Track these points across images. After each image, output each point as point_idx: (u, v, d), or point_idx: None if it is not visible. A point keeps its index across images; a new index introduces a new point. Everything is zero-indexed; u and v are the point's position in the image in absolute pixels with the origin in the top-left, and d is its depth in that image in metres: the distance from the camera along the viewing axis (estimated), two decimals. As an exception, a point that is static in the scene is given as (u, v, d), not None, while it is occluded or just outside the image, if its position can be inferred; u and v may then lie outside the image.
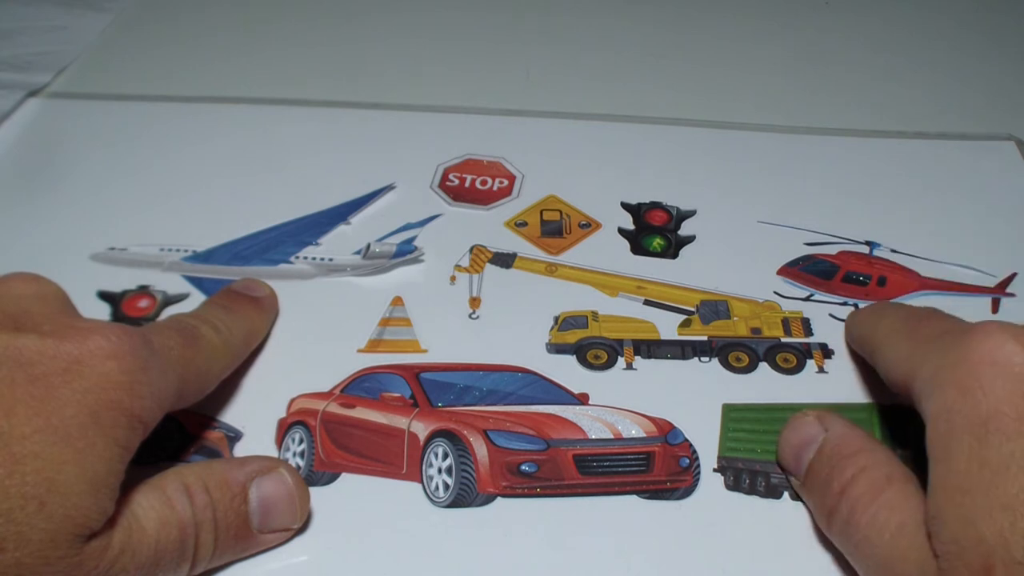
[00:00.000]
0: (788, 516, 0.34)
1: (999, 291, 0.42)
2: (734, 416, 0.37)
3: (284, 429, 0.36)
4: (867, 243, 0.44)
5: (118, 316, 0.40)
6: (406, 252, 0.43)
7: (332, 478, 0.35)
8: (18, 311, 0.28)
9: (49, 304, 0.30)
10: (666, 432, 0.36)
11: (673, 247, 0.44)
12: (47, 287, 0.31)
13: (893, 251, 0.44)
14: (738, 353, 0.39)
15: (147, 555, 0.28)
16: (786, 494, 0.34)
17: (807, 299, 0.42)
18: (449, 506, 0.34)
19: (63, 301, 0.31)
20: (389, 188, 0.46)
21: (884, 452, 0.31)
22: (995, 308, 0.42)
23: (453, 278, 0.42)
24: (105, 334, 0.28)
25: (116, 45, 0.59)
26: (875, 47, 0.60)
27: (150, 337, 0.30)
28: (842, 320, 0.41)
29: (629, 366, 0.39)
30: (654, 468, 0.35)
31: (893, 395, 0.37)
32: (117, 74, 0.56)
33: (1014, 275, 0.43)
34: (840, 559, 0.31)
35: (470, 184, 0.47)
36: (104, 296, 0.41)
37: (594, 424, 0.36)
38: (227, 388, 0.37)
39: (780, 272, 0.43)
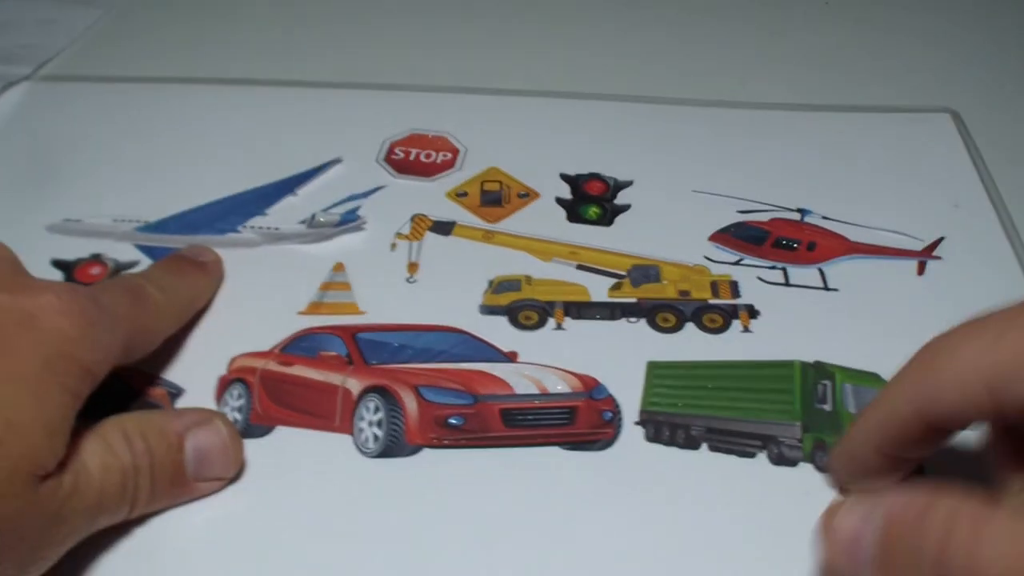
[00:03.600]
0: (705, 465, 0.35)
1: (926, 254, 0.44)
2: (658, 373, 0.38)
3: (224, 386, 0.38)
4: (799, 210, 0.46)
5: (71, 282, 0.42)
6: (349, 221, 0.44)
7: (267, 431, 0.36)
8: None
9: (2, 267, 0.31)
10: (591, 388, 0.38)
11: (609, 215, 0.46)
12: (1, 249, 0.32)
13: (824, 218, 0.46)
14: (666, 314, 0.41)
15: (93, 498, 0.29)
16: (704, 445, 0.36)
17: (737, 263, 0.43)
18: (377, 456, 0.35)
19: (14, 264, 0.32)
20: (336, 162, 0.48)
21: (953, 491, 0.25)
22: (921, 270, 0.43)
23: (394, 245, 0.44)
24: (56, 292, 0.29)
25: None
26: (811, 21, 0.61)
27: (98, 295, 0.31)
28: (770, 283, 0.42)
29: (559, 326, 0.40)
30: (577, 421, 0.37)
31: (814, 352, 0.39)
32: (73, 57, 0.58)
33: (941, 239, 0.44)
34: (754, 507, 0.33)
35: (415, 157, 0.48)
36: (58, 264, 0.42)
37: (521, 380, 0.38)
38: (171, 347, 0.38)
39: (712, 238, 0.44)
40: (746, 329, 0.40)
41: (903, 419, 0.28)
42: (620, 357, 0.39)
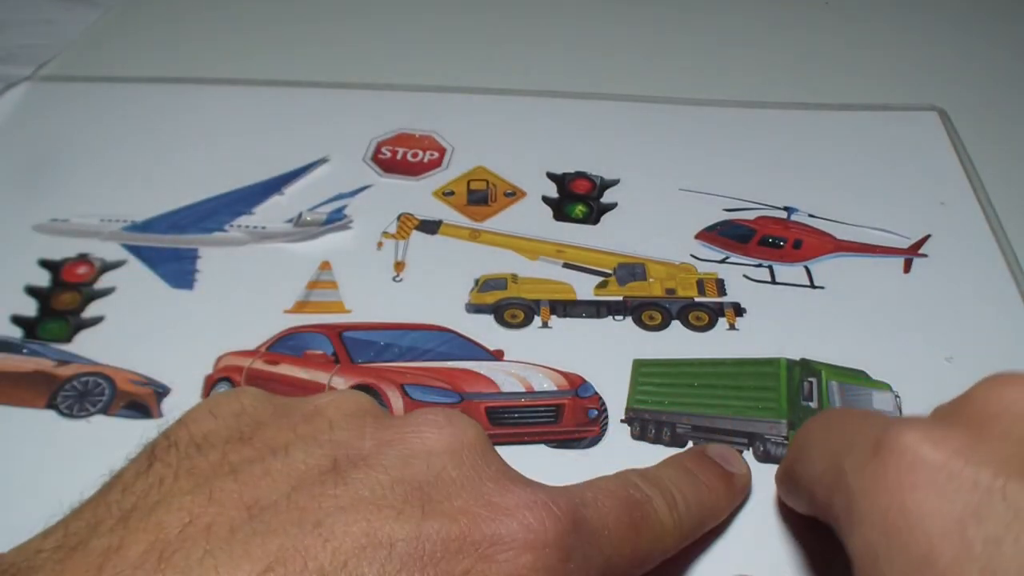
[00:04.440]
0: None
1: (912, 252, 0.44)
2: (644, 371, 0.38)
3: (210, 385, 0.38)
4: (785, 208, 0.46)
5: (57, 282, 0.42)
6: (336, 220, 0.44)
7: (253, 430, 0.36)
8: (429, 477, 0.23)
9: (463, 462, 0.24)
10: (576, 386, 0.38)
11: (595, 214, 0.46)
12: (463, 434, 0.25)
13: (811, 216, 0.46)
14: (652, 312, 0.41)
15: None
16: (690, 442, 0.36)
17: (723, 261, 0.43)
18: (363, 454, 0.35)
19: (479, 451, 0.25)
20: (323, 161, 0.48)
21: None
22: (907, 268, 0.43)
23: (380, 244, 0.44)
24: (533, 514, 0.23)
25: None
26: (799, 20, 0.61)
27: (585, 514, 0.25)
28: (756, 280, 0.42)
29: (545, 324, 0.40)
30: (563, 419, 0.37)
31: (799, 349, 0.39)
32: (73, 57, 0.58)
33: (927, 237, 0.44)
34: (739, 504, 0.33)
35: (401, 157, 0.48)
36: (44, 264, 0.42)
37: (507, 378, 0.38)
38: (156, 346, 0.39)
39: (698, 236, 0.45)
40: (732, 327, 0.40)
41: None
42: (606, 355, 0.39)
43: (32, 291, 0.41)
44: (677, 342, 0.40)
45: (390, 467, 0.23)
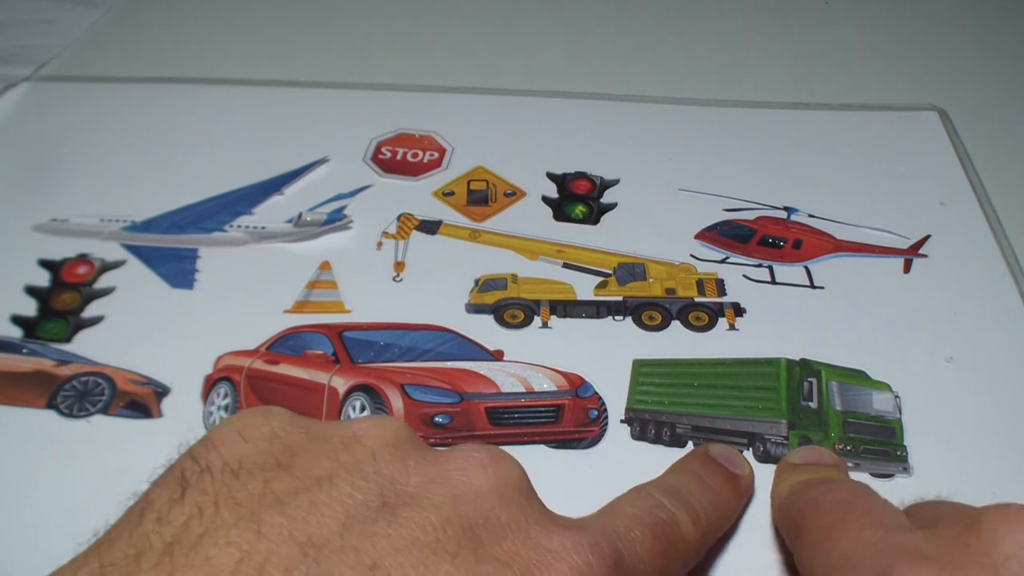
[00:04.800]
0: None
1: (912, 252, 0.44)
2: (643, 371, 0.38)
3: (210, 384, 0.38)
4: (785, 208, 0.46)
5: (57, 282, 0.42)
6: (336, 220, 0.44)
7: (253, 430, 0.36)
8: (478, 518, 0.23)
9: (510, 503, 0.24)
10: (577, 386, 0.38)
11: (595, 214, 0.46)
12: (506, 472, 0.25)
13: (811, 216, 0.46)
14: (651, 312, 0.41)
15: None
16: (690, 443, 0.36)
17: (723, 261, 0.43)
18: (363, 455, 0.35)
19: (523, 491, 0.25)
20: (323, 161, 0.48)
21: None
22: (907, 268, 0.43)
23: (380, 244, 0.44)
24: (580, 556, 0.23)
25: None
26: (799, 20, 0.61)
27: (621, 550, 0.25)
28: (756, 280, 0.42)
29: (545, 324, 0.40)
30: (563, 420, 0.37)
31: (799, 350, 0.39)
32: (73, 57, 0.58)
33: (927, 237, 0.44)
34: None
35: (401, 157, 0.48)
36: (44, 264, 0.43)
37: (507, 379, 0.38)
38: (156, 346, 0.39)
39: (698, 236, 0.45)
40: (732, 327, 0.40)
41: None
42: (606, 355, 0.39)
43: (32, 291, 0.41)
44: (677, 342, 0.40)
45: (440, 507, 0.23)
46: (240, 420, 0.25)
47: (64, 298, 0.41)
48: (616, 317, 0.41)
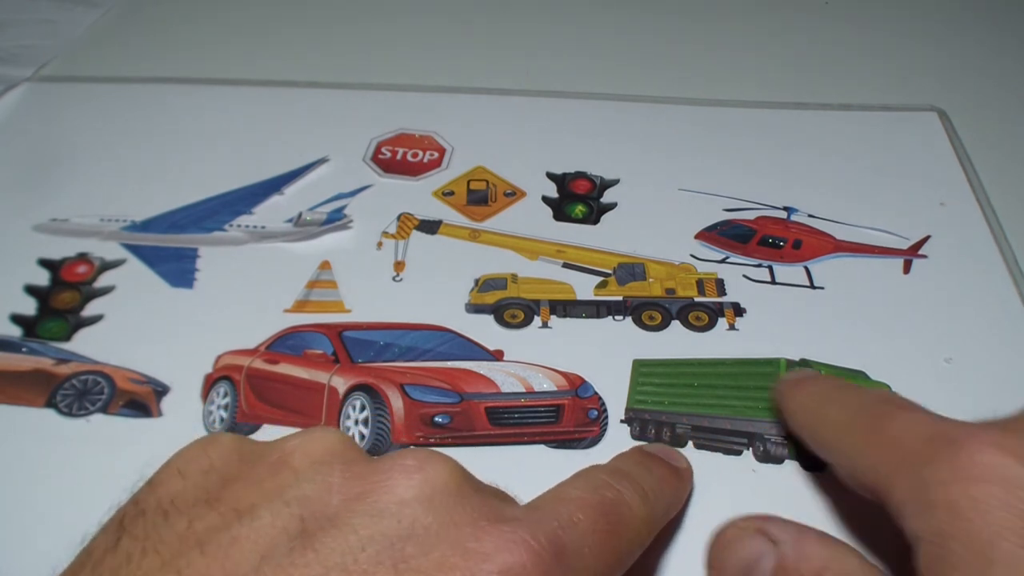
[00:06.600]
0: (691, 463, 0.35)
1: (912, 253, 0.44)
2: (643, 371, 0.38)
3: (210, 384, 0.38)
4: (785, 209, 0.46)
5: (57, 281, 0.42)
6: (336, 220, 0.44)
7: (254, 429, 0.36)
8: (401, 531, 0.23)
9: (438, 508, 0.23)
10: (577, 386, 0.38)
11: (595, 214, 0.46)
12: (434, 475, 0.24)
13: (811, 216, 0.46)
14: (651, 312, 0.41)
15: None
16: (690, 443, 0.36)
17: (723, 261, 0.43)
18: (363, 454, 0.35)
19: (454, 492, 0.24)
20: (323, 161, 0.48)
21: (853, 559, 0.26)
22: (907, 269, 0.43)
23: (380, 244, 0.44)
24: (513, 555, 0.22)
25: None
26: (798, 21, 0.61)
27: (564, 538, 0.24)
28: (756, 280, 0.42)
29: (545, 325, 0.40)
30: (563, 419, 0.37)
31: (799, 352, 0.39)
32: (73, 57, 0.58)
33: (927, 238, 0.44)
34: (739, 504, 0.33)
35: (401, 157, 0.48)
36: (44, 263, 0.43)
37: (507, 378, 0.38)
38: (156, 345, 0.39)
39: (698, 236, 0.45)
40: (732, 327, 0.40)
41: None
42: (606, 355, 0.39)
43: (32, 290, 0.41)
44: (677, 342, 0.40)
45: (359, 526, 0.22)
46: (182, 455, 0.25)
47: (64, 297, 0.41)
48: (616, 317, 0.41)
